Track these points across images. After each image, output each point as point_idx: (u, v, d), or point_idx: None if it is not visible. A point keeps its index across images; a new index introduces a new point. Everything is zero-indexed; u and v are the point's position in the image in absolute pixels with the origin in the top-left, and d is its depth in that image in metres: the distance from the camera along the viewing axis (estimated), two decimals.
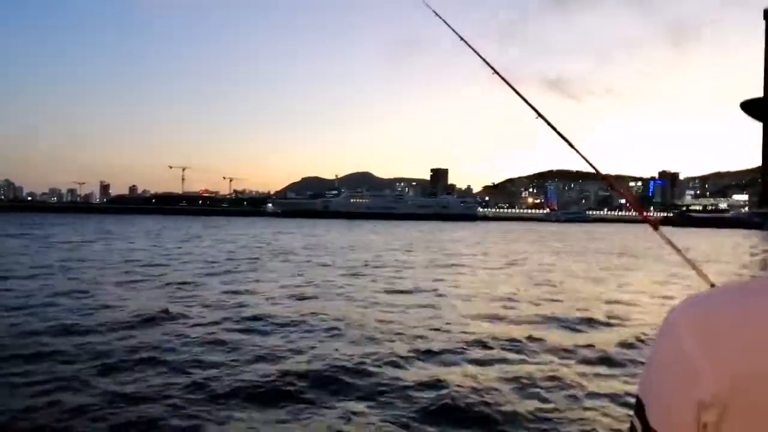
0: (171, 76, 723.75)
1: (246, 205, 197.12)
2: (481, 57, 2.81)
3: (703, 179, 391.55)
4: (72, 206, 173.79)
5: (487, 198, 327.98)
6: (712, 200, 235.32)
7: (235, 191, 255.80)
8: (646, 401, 0.73)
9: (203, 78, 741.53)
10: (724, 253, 39.03)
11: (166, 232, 52.72)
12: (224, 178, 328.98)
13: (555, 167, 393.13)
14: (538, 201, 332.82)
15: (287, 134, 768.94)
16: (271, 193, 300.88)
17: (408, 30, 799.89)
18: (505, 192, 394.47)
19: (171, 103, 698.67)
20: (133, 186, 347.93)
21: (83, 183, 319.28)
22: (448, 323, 11.28)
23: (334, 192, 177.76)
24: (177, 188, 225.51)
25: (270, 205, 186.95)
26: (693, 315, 0.71)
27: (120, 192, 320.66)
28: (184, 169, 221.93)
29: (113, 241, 38.33)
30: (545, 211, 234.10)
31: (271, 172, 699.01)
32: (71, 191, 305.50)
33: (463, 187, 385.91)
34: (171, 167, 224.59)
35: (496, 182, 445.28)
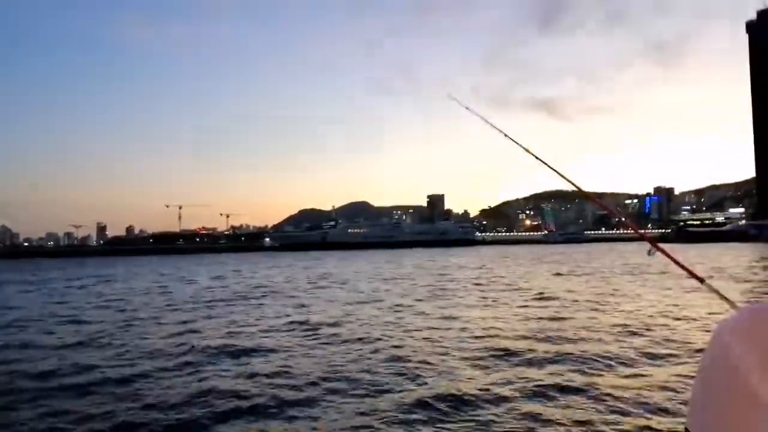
0: (164, 115, 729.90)
1: (244, 241, 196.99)
2: (502, 132, 3.38)
3: (699, 193, 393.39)
4: (69, 250, 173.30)
5: (484, 222, 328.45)
6: (708, 214, 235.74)
7: (233, 227, 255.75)
8: (697, 429, 0.65)
9: (196, 115, 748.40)
10: (732, 268, 38.89)
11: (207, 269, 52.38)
12: (221, 214, 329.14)
13: (551, 188, 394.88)
14: (536, 223, 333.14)
15: (283, 168, 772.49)
16: (269, 227, 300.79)
17: (400, 60, 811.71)
18: (502, 215, 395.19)
19: (165, 142, 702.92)
20: (130, 226, 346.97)
21: (80, 226, 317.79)
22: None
23: (332, 223, 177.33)
24: (174, 227, 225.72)
25: (267, 239, 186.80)
26: (750, 331, 0.63)
27: (117, 233, 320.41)
28: (180, 208, 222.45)
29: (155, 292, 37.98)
30: (543, 233, 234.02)
31: (268, 206, 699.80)
32: (68, 234, 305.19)
33: (460, 211, 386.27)
34: (167, 206, 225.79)
35: (493, 205, 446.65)
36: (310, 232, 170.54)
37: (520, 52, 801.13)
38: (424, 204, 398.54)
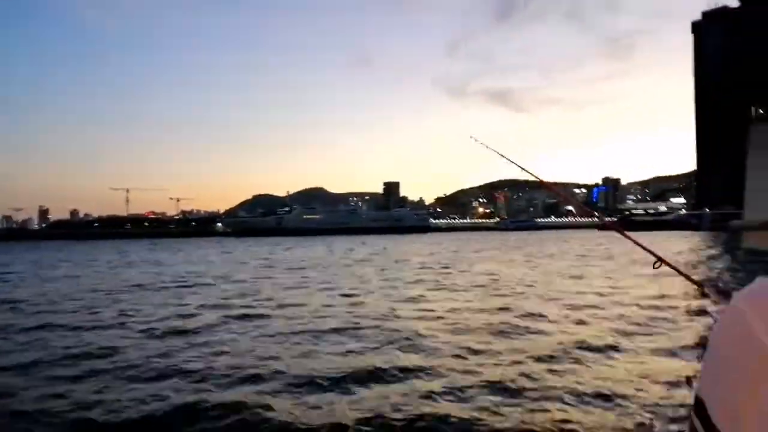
0: (110, 96, 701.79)
1: (195, 226, 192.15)
2: (523, 168, 3.49)
3: (644, 184, 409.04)
4: (7, 234, 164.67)
5: (438, 209, 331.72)
6: (652, 204, 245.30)
7: (183, 212, 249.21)
8: (708, 399, 0.68)
9: (145, 97, 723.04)
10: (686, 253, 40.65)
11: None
12: (171, 198, 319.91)
13: (504, 177, 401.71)
14: (489, 211, 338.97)
15: (236, 152, 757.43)
16: (221, 212, 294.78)
17: (360, 47, 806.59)
18: (456, 203, 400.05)
19: (111, 123, 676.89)
20: (74, 210, 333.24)
21: (20, 209, 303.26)
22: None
23: (287, 209, 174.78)
24: (121, 211, 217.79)
25: (219, 224, 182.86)
26: (766, 301, 0.64)
27: (60, 217, 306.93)
28: (127, 191, 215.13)
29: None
30: (495, 220, 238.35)
31: (220, 191, 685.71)
32: (6, 218, 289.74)
33: (416, 199, 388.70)
34: (114, 189, 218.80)
35: (448, 193, 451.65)
36: (264, 218, 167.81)
37: (480, 44, 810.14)
38: (380, 191, 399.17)
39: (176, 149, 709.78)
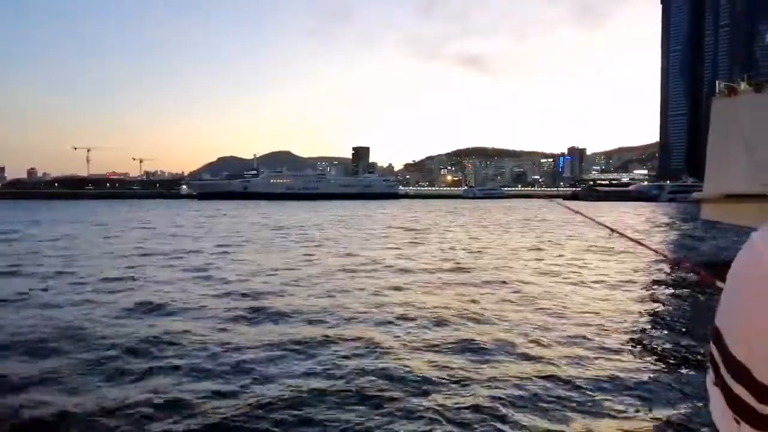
0: (71, 50, 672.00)
1: (158, 188, 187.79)
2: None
3: (608, 155, 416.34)
4: None
5: (408, 176, 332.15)
6: (615, 175, 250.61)
7: (146, 173, 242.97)
8: (725, 329, 0.72)
9: (107, 52, 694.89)
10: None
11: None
12: (134, 159, 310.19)
13: (472, 145, 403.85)
14: (457, 178, 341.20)
15: (201, 111, 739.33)
16: (186, 174, 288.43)
17: (331, 3, 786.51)
18: (425, 169, 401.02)
19: (72, 79, 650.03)
20: (32, 169, 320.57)
21: None
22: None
23: (253, 172, 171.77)
24: (82, 171, 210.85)
25: (184, 186, 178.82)
26: None
27: (17, 176, 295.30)
28: (89, 150, 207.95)
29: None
30: (463, 189, 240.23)
31: (185, 152, 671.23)
32: None
33: (385, 165, 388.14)
34: (75, 148, 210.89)
35: (417, 160, 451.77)
36: (230, 181, 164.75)
37: (454, 6, 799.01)
38: (349, 156, 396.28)
39: (140, 108, 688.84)
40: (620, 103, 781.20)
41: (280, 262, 19.65)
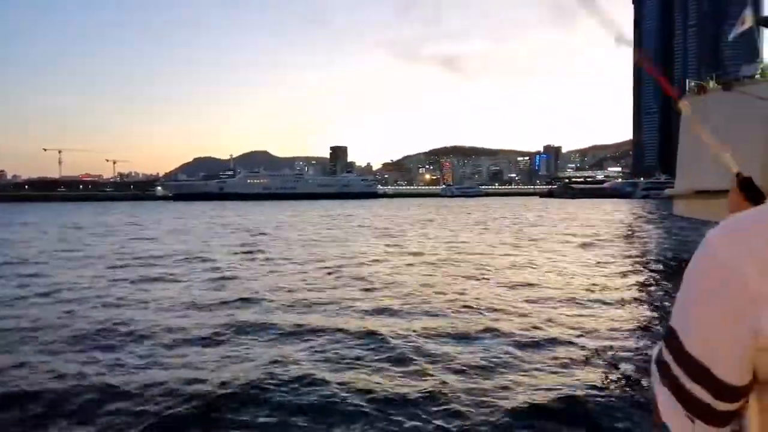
0: (43, 49, 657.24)
1: (133, 189, 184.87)
2: None
3: (583, 152, 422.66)
4: None
5: (386, 175, 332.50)
6: (590, 172, 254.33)
7: (120, 174, 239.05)
8: (682, 328, 0.72)
9: (81, 50, 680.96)
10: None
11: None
12: (107, 160, 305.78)
13: (450, 143, 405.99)
14: (435, 177, 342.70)
15: (176, 112, 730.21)
16: (161, 175, 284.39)
17: (308, 3, 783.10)
18: (403, 169, 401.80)
19: (44, 81, 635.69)
20: (2, 171, 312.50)
21: None
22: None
23: (230, 172, 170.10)
24: (54, 173, 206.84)
25: (159, 188, 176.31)
26: (736, 236, 0.69)
27: None
28: (60, 152, 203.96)
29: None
30: (441, 187, 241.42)
31: (160, 153, 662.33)
32: None
33: (363, 164, 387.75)
34: (45, 150, 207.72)
35: (395, 159, 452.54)
36: (206, 182, 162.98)
37: (430, 9, 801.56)
38: (327, 156, 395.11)
39: (114, 109, 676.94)
40: (594, 102, 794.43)
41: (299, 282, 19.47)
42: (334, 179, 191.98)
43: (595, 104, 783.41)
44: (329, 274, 16.42)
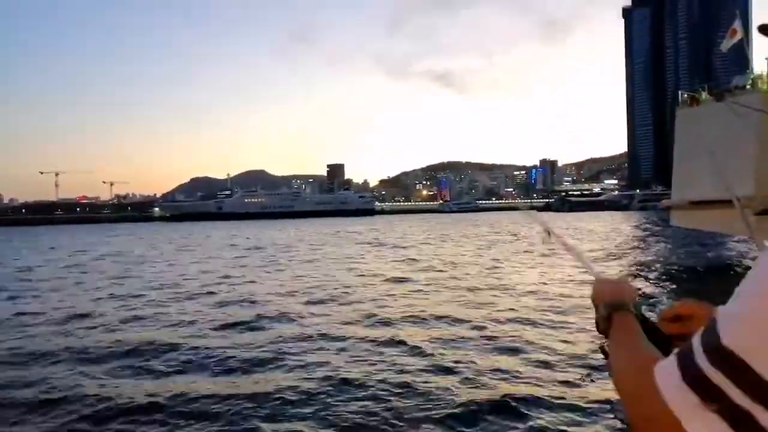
0: (39, 72, 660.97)
1: (130, 211, 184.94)
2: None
3: (579, 166, 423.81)
4: None
5: (383, 192, 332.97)
6: (587, 185, 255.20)
7: (117, 196, 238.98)
8: (746, 350, 0.62)
9: (77, 74, 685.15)
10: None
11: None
12: (104, 182, 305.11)
13: (446, 159, 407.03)
14: (432, 193, 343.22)
15: (172, 132, 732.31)
16: (158, 196, 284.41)
17: (300, 22, 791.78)
18: (400, 185, 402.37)
19: (39, 103, 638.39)
20: None
21: None
22: None
23: (227, 192, 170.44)
24: (51, 196, 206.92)
25: (157, 209, 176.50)
26: None
27: None
28: (57, 175, 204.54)
29: None
30: (438, 203, 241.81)
31: (157, 173, 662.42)
32: None
33: (360, 181, 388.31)
34: (42, 173, 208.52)
35: (391, 175, 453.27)
36: (204, 202, 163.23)
37: (421, 24, 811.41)
38: (324, 173, 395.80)
39: (109, 130, 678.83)
40: (589, 115, 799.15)
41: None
42: (332, 197, 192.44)
43: (589, 117, 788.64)
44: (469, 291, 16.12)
